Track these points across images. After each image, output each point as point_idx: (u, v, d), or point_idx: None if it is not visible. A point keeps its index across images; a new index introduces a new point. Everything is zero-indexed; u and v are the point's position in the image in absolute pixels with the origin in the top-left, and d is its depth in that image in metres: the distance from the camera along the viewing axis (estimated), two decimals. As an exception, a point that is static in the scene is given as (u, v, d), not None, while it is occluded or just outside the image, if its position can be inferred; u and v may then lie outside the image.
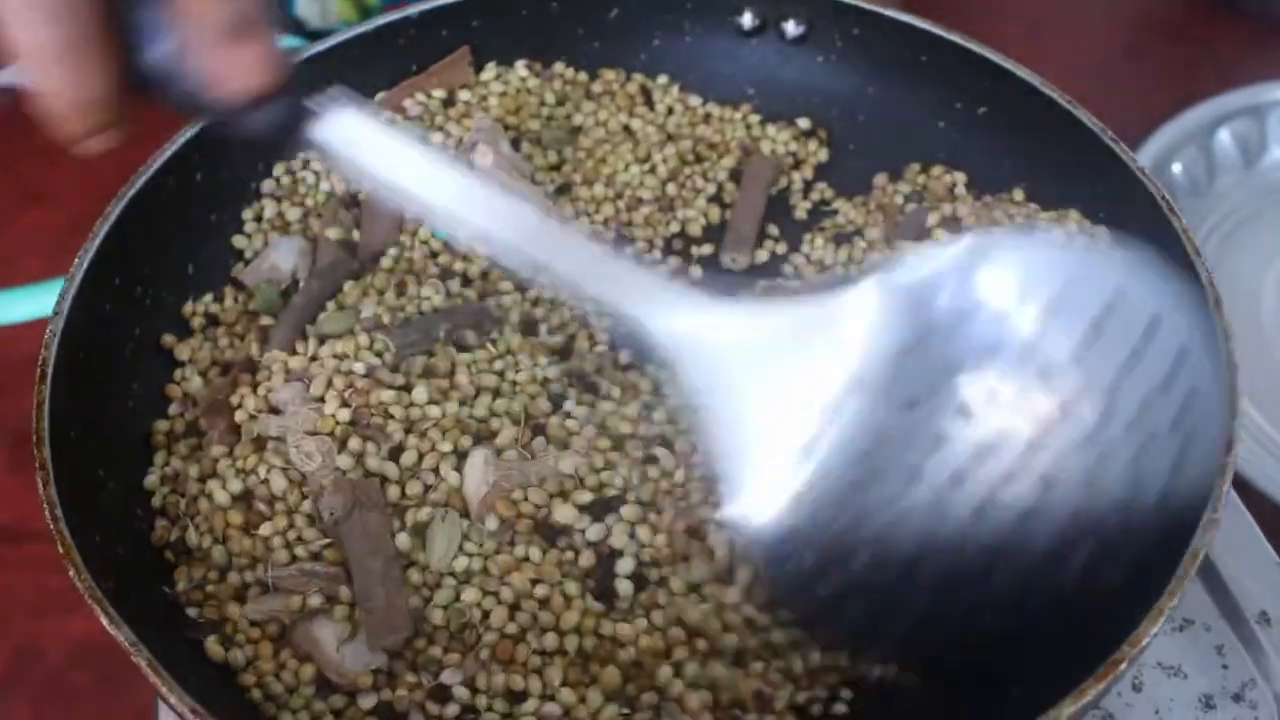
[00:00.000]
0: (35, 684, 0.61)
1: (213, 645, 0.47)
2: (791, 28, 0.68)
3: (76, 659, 0.61)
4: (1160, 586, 0.42)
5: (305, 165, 0.63)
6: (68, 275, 0.52)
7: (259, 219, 0.62)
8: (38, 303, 0.62)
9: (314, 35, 0.88)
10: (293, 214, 0.61)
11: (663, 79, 0.68)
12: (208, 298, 0.59)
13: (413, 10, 0.64)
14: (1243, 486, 0.61)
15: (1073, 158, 0.59)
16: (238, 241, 0.61)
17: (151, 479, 0.52)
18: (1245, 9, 0.93)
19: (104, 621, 0.42)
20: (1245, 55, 0.90)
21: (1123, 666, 0.40)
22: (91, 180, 0.81)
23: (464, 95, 0.66)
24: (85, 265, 0.52)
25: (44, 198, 0.81)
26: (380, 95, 0.65)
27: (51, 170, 0.82)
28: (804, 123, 0.67)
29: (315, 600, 0.48)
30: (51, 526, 0.45)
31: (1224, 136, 0.82)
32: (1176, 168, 0.80)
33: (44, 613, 0.63)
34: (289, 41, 0.89)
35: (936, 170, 0.64)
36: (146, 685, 0.42)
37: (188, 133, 0.57)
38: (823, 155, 0.66)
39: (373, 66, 0.65)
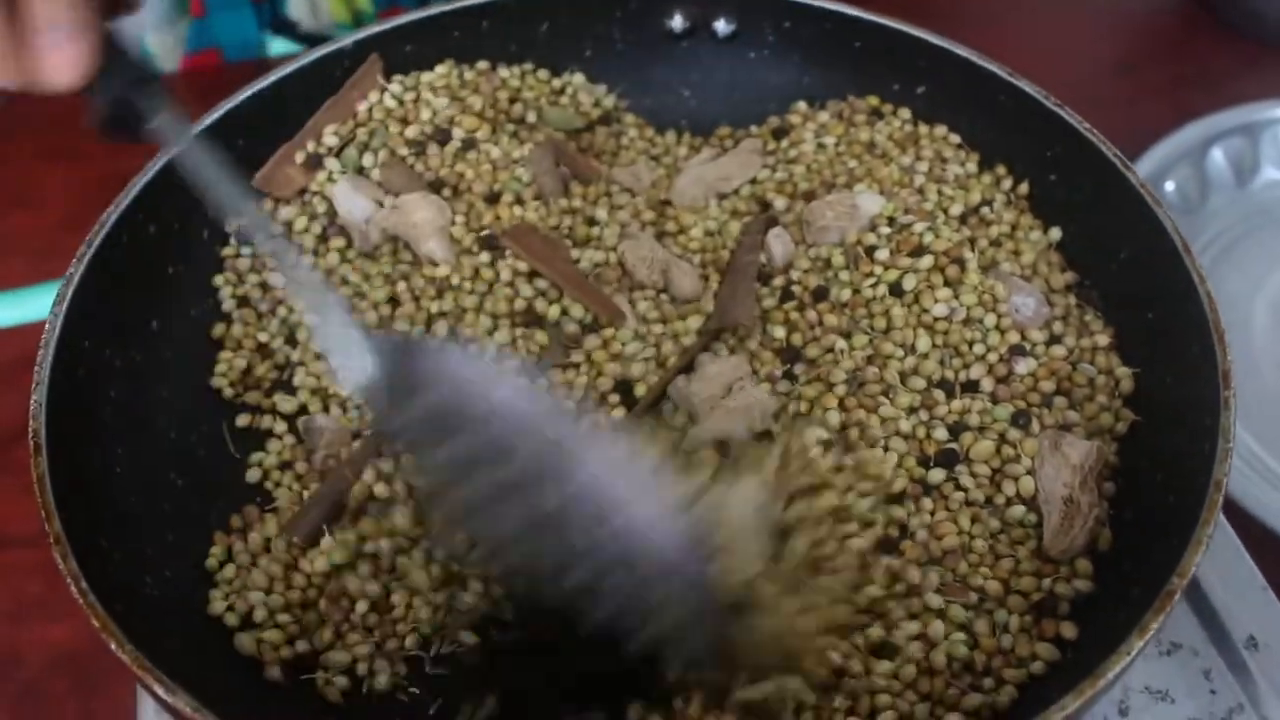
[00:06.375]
0: (14, 691, 0.60)
1: None
2: (722, 26, 0.68)
3: (56, 666, 0.61)
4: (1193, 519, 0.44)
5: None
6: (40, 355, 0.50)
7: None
8: (22, 308, 0.61)
9: (306, 38, 0.88)
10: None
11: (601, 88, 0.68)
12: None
13: (346, 41, 0.64)
14: (1230, 509, 0.61)
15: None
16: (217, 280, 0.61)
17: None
18: (1235, 28, 0.93)
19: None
20: (1237, 73, 0.91)
21: (1176, 597, 0.42)
22: (78, 185, 0.81)
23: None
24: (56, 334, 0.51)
25: (30, 201, 0.81)
26: (309, 123, 0.64)
27: (38, 174, 0.82)
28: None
29: None
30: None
31: (1217, 155, 0.81)
32: (1169, 185, 0.80)
33: (23, 619, 0.62)
34: (282, 46, 0.89)
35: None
36: (126, 692, 0.42)
37: (138, 184, 0.56)
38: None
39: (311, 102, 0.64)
